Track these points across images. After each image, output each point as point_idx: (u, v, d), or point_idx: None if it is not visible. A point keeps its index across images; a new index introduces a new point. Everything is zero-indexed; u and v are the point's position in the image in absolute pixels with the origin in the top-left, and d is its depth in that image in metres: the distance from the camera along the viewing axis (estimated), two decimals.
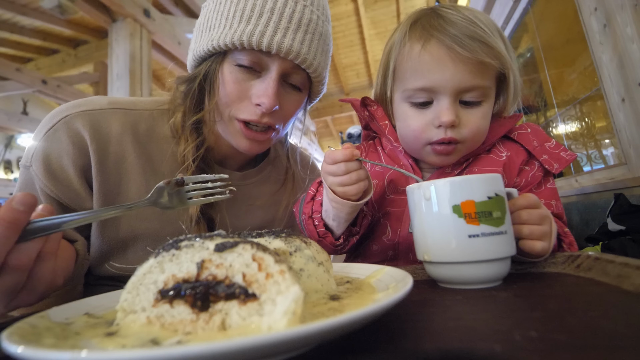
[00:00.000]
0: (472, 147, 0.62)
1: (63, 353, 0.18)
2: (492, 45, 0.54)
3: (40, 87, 3.80)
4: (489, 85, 0.58)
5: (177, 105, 0.69)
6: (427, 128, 0.59)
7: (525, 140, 0.64)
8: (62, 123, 0.59)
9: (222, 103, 0.63)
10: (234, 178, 0.74)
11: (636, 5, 1.49)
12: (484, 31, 0.54)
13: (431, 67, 0.57)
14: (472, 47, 0.54)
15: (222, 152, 0.73)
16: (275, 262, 0.25)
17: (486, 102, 0.59)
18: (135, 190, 0.62)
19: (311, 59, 0.62)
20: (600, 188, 1.81)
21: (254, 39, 0.57)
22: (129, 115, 0.65)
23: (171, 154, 0.66)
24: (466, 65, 0.55)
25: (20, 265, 0.35)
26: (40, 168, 0.57)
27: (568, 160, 0.61)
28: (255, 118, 0.62)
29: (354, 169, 0.53)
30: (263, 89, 0.60)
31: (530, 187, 0.64)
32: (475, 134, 0.59)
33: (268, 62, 0.61)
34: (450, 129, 0.58)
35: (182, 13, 3.88)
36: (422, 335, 0.26)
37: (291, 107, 0.67)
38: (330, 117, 7.49)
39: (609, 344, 0.23)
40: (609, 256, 0.40)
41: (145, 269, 0.27)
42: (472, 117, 0.58)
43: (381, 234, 0.66)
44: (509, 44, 0.59)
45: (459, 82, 0.56)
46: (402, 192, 0.64)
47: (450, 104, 0.57)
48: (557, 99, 2.46)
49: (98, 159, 0.60)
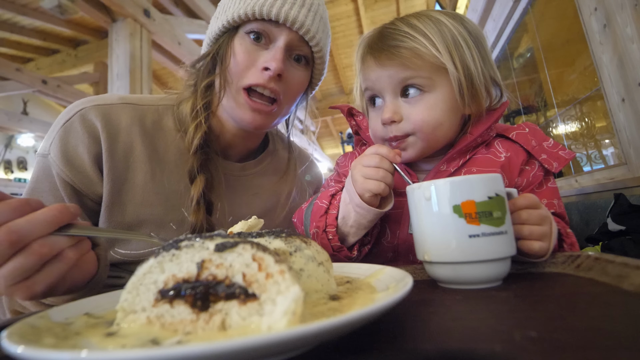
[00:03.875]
0: (427, 139, 0.62)
1: (63, 353, 0.18)
2: (411, 47, 0.59)
3: (40, 87, 3.80)
4: (425, 75, 0.60)
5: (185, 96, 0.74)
6: (379, 127, 0.64)
7: (523, 140, 0.65)
8: (78, 115, 0.64)
9: (231, 73, 0.67)
10: (234, 169, 0.78)
11: (636, 5, 1.49)
12: (407, 35, 0.60)
13: (368, 73, 0.64)
14: (391, 53, 0.60)
15: (226, 140, 0.76)
16: (275, 262, 0.25)
17: (429, 92, 0.61)
18: (142, 177, 0.66)
19: (314, 32, 0.69)
20: (600, 188, 1.81)
21: (264, 8, 0.64)
22: (137, 110, 0.70)
23: (176, 145, 0.71)
24: (392, 67, 0.60)
25: (41, 252, 0.37)
26: (58, 155, 0.61)
27: (567, 158, 0.62)
28: (262, 82, 0.66)
29: (385, 167, 0.55)
30: (271, 55, 0.66)
31: (532, 187, 0.64)
32: (421, 125, 0.60)
33: (275, 33, 0.67)
34: (394, 126, 0.62)
35: (182, 13, 3.88)
36: (422, 335, 0.26)
37: (295, 82, 0.71)
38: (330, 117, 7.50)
39: (609, 344, 0.23)
40: (609, 256, 0.40)
41: (145, 269, 0.27)
42: (415, 110, 0.61)
43: (380, 236, 0.66)
44: (460, 38, 0.61)
45: (389, 79, 0.61)
46: (400, 194, 0.64)
47: (389, 102, 0.62)
48: (557, 99, 2.46)
49: (108, 147, 0.64)
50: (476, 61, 0.61)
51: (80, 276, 0.45)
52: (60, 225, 0.39)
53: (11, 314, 0.52)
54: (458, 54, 0.60)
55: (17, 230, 0.36)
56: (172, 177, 0.69)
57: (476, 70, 0.61)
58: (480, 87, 0.61)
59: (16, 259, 0.36)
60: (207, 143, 0.70)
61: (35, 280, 0.38)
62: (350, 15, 5.03)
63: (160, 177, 0.68)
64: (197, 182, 0.67)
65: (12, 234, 0.35)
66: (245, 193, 0.79)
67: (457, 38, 0.60)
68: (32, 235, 0.37)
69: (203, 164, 0.69)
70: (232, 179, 0.77)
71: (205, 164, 0.69)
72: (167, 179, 0.68)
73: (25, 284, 0.38)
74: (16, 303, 0.50)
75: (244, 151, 0.81)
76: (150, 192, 0.67)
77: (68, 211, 0.40)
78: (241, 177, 0.79)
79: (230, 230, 0.46)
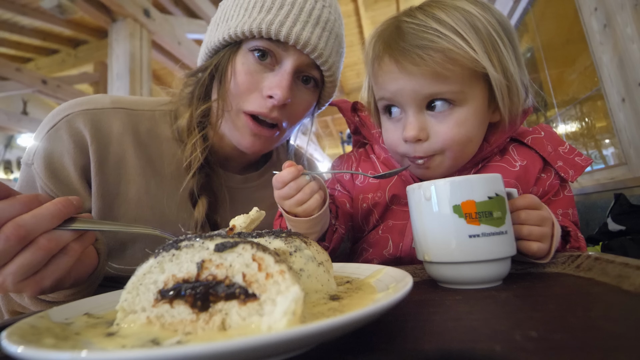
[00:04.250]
0: (455, 157, 0.57)
1: (63, 353, 0.18)
2: (444, 47, 0.50)
3: (40, 87, 3.80)
4: (456, 89, 0.52)
5: (182, 106, 0.69)
6: (400, 141, 0.58)
7: (539, 146, 0.61)
8: (64, 122, 0.59)
9: (231, 94, 0.62)
10: (235, 181, 0.74)
11: (636, 5, 1.49)
12: (437, 33, 0.50)
13: (386, 80, 0.56)
14: (419, 57, 0.50)
15: (225, 153, 0.72)
16: (275, 262, 0.25)
17: (460, 106, 0.54)
18: (135, 191, 0.62)
19: (327, 56, 0.62)
20: (600, 188, 1.81)
21: (273, 27, 0.57)
22: (131, 115, 0.65)
23: (172, 155, 0.66)
24: (419, 77, 0.52)
25: (48, 246, 0.37)
26: (41, 166, 0.57)
27: (583, 166, 0.59)
28: (264, 111, 0.60)
29: (305, 183, 0.52)
30: (277, 81, 0.59)
31: (548, 195, 0.61)
32: (450, 144, 0.54)
33: (283, 55, 0.60)
34: (418, 145, 0.55)
35: (182, 13, 3.88)
36: (422, 335, 0.26)
37: (301, 106, 0.65)
38: (330, 117, 7.49)
39: (609, 344, 0.23)
40: (609, 256, 0.41)
41: (145, 269, 0.27)
42: (443, 127, 0.54)
43: (382, 248, 0.64)
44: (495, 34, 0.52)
45: (414, 93, 0.53)
46: (404, 204, 0.62)
47: (413, 117, 0.55)
48: (557, 99, 2.46)
49: (98, 158, 0.59)
50: (513, 60, 0.54)
51: (83, 269, 0.45)
52: (65, 218, 0.39)
53: (9, 314, 0.52)
54: (496, 54, 0.52)
55: (24, 224, 0.36)
56: (169, 191, 0.64)
57: (514, 70, 0.53)
58: (520, 89, 0.55)
59: (24, 255, 0.36)
60: (206, 158, 0.65)
61: (44, 275, 0.38)
62: (350, 15, 5.02)
63: (156, 190, 0.63)
64: (199, 205, 0.63)
65: (19, 229, 0.35)
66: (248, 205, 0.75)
67: (492, 34, 0.52)
68: (38, 229, 0.37)
69: (204, 184, 0.64)
70: (233, 191, 0.73)
71: (206, 184, 0.65)
72: (164, 192, 0.63)
73: (33, 279, 0.38)
74: (15, 303, 0.50)
75: (245, 163, 0.77)
76: (145, 207, 0.62)
77: (71, 204, 0.40)
78: (243, 190, 0.75)
79: (233, 222, 0.46)
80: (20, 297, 0.48)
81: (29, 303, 0.48)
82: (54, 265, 0.39)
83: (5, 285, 0.37)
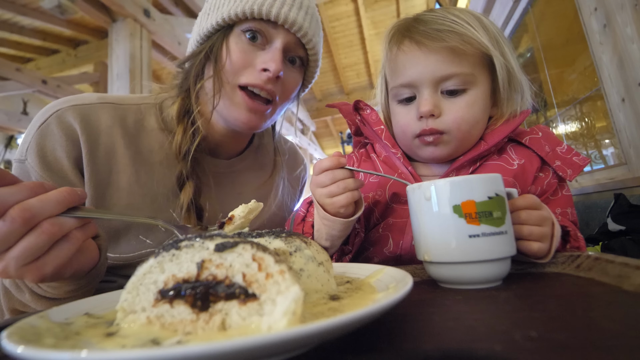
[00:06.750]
0: (462, 138, 0.61)
1: (63, 353, 0.18)
2: (461, 32, 0.56)
3: (40, 87, 3.80)
4: (468, 71, 0.58)
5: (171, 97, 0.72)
6: (412, 121, 0.62)
7: (537, 146, 0.63)
8: (55, 117, 0.61)
9: (226, 71, 0.65)
10: (221, 166, 0.77)
11: (636, 5, 1.49)
12: (455, 22, 0.57)
13: (406, 63, 0.61)
14: (439, 37, 0.57)
15: (215, 140, 0.74)
16: (275, 262, 0.25)
17: (471, 89, 0.59)
18: (126, 180, 0.64)
19: (311, 35, 0.68)
20: (600, 188, 1.81)
21: (263, 8, 0.63)
22: (118, 109, 0.68)
23: (160, 145, 0.68)
24: (438, 54, 0.58)
25: (51, 231, 0.38)
26: (35, 160, 0.58)
27: (581, 165, 0.60)
28: (260, 83, 0.64)
29: (341, 177, 0.53)
30: (270, 56, 0.64)
31: (546, 195, 0.62)
32: (460, 122, 0.59)
33: (273, 34, 0.66)
34: (432, 120, 0.59)
35: (182, 13, 3.88)
36: (422, 335, 0.26)
37: (290, 82, 0.70)
38: (330, 117, 7.49)
39: (609, 344, 0.23)
40: (609, 256, 0.41)
41: (145, 269, 0.27)
42: (455, 106, 0.59)
43: (382, 246, 0.65)
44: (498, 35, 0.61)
45: (433, 72, 0.58)
46: (404, 202, 0.63)
47: (429, 95, 0.59)
48: (557, 99, 2.46)
49: (89, 149, 0.62)
50: (514, 58, 0.61)
51: (84, 261, 0.45)
52: (70, 206, 0.40)
53: (10, 313, 0.52)
54: (499, 48, 0.59)
55: (30, 208, 0.37)
56: (158, 179, 0.66)
57: (515, 65, 0.60)
58: (522, 80, 0.61)
59: (27, 238, 0.37)
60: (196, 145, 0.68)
61: (45, 261, 0.39)
62: (350, 15, 5.02)
63: (146, 179, 0.66)
64: (186, 188, 0.65)
65: (25, 212, 0.36)
66: (233, 190, 0.79)
67: (496, 33, 0.60)
68: (43, 213, 0.37)
69: (191, 169, 0.67)
70: (219, 176, 0.76)
71: (193, 169, 0.68)
72: (153, 180, 0.66)
73: (35, 264, 0.39)
74: (16, 301, 0.50)
75: (232, 151, 0.80)
76: (136, 194, 0.65)
77: (76, 194, 0.41)
78: (228, 174, 0.78)
79: (232, 213, 0.46)
80: (21, 293, 0.48)
81: (29, 300, 0.48)
82: (56, 251, 0.39)
83: (8, 270, 0.38)
